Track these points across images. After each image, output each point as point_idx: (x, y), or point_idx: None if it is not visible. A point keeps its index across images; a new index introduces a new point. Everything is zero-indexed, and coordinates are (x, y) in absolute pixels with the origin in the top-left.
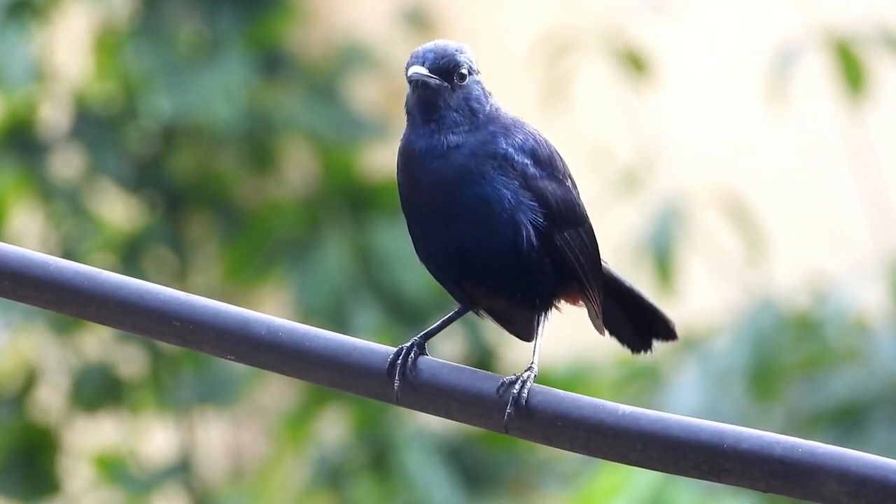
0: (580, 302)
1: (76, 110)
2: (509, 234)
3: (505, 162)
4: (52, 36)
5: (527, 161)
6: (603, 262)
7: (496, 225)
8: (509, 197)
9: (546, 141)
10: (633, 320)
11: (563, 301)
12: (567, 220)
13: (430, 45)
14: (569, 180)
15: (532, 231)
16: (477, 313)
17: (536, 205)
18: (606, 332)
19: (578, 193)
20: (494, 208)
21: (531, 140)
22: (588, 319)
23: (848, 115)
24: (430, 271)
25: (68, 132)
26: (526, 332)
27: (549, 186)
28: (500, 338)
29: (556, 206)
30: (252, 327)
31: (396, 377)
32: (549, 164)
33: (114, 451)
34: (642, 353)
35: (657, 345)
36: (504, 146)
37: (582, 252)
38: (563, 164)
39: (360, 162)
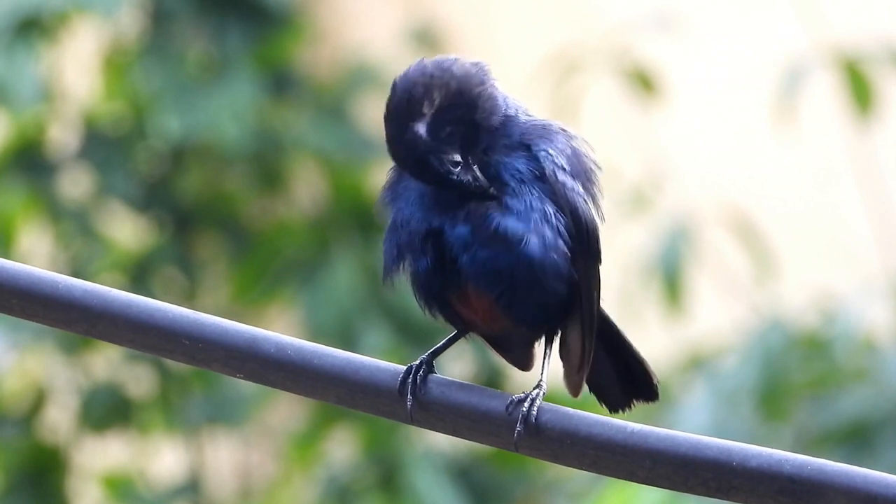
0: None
1: (84, 130)
2: (533, 240)
3: (538, 166)
4: (61, 56)
5: (563, 169)
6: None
7: (520, 228)
8: (536, 203)
9: (582, 153)
10: (618, 371)
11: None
12: (590, 250)
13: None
14: (600, 207)
15: (559, 244)
16: (465, 336)
17: (565, 219)
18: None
19: (598, 221)
20: (518, 211)
21: (570, 149)
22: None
23: (855, 134)
24: (413, 285)
25: (77, 152)
26: (523, 360)
27: (581, 204)
28: None
29: (584, 227)
30: (260, 345)
31: (408, 396)
32: (584, 178)
33: (123, 471)
34: (620, 411)
35: (636, 404)
36: (540, 149)
37: (593, 289)
38: (598, 184)
39: (369, 182)
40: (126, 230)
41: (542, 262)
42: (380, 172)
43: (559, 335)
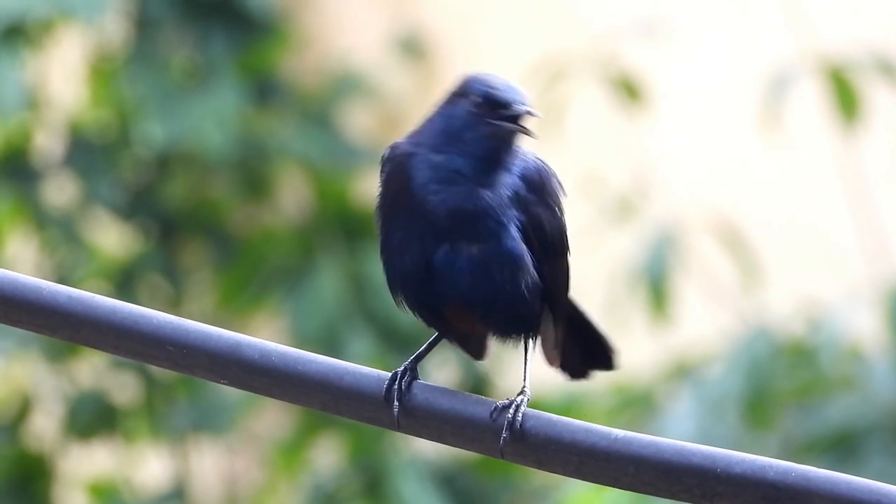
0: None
1: (70, 138)
2: (510, 255)
3: (510, 184)
4: (46, 63)
5: (525, 186)
6: None
7: (496, 244)
8: (515, 219)
9: (545, 167)
10: (579, 345)
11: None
12: (556, 251)
13: (515, 86)
14: (558, 208)
15: (530, 257)
16: (444, 339)
17: (533, 231)
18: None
19: (565, 221)
20: (496, 228)
21: (532, 165)
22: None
23: (841, 141)
24: (403, 295)
25: (62, 160)
26: (478, 350)
27: (544, 213)
28: (494, 365)
29: (549, 236)
30: (244, 351)
31: (395, 402)
32: (546, 190)
33: (108, 478)
34: (578, 379)
35: (595, 374)
36: (513, 172)
37: (561, 282)
38: (560, 191)
39: (354, 189)
40: (111, 237)
41: (516, 287)
42: (364, 180)
43: (536, 336)
